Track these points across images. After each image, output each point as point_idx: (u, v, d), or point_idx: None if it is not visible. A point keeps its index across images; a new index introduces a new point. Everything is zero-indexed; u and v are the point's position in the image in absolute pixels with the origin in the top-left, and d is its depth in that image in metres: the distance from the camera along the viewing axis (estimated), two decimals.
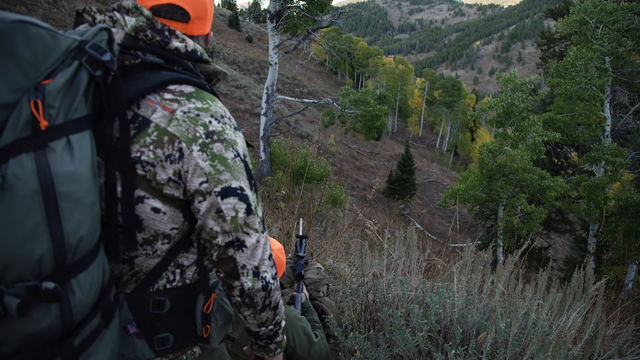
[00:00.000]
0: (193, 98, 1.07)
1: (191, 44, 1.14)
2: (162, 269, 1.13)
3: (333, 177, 21.19)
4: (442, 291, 2.28)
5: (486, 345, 1.97)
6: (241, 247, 1.10)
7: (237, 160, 1.08)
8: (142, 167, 1.02)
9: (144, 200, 1.04)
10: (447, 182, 33.11)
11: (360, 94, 14.58)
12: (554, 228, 18.55)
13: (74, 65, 0.88)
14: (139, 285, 1.11)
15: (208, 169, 1.04)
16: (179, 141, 1.03)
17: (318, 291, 2.83)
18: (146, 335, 1.12)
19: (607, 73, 14.44)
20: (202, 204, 1.06)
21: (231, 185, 1.07)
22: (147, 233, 1.08)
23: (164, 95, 1.05)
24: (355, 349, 2.24)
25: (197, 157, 1.03)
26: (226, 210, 1.07)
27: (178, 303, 1.15)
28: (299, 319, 2.23)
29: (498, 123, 15.68)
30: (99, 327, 0.98)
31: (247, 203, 1.09)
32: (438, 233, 22.37)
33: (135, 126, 1.02)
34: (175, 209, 1.08)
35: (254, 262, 1.12)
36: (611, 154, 13.99)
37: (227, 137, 1.08)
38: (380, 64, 57.11)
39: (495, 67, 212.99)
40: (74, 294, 0.89)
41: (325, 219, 8.33)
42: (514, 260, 2.49)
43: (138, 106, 1.04)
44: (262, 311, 1.20)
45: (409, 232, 2.82)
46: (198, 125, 1.05)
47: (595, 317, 2.22)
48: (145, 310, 1.12)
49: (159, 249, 1.11)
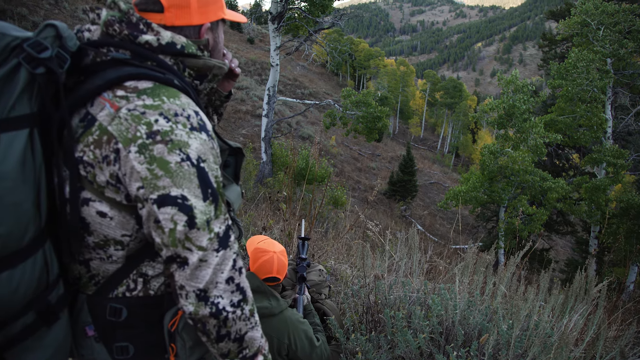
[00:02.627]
0: (145, 95, 0.99)
1: (167, 36, 1.06)
2: (123, 276, 1.08)
3: (334, 178, 21.20)
4: (444, 293, 2.28)
5: (488, 347, 1.97)
6: (182, 265, 0.99)
7: (184, 165, 0.96)
8: (84, 167, 0.98)
9: (89, 203, 1.01)
10: (449, 184, 33.09)
11: (361, 95, 14.60)
12: (555, 230, 18.54)
13: (11, 63, 0.88)
14: (99, 289, 1.09)
15: (144, 173, 0.95)
16: (115, 141, 0.96)
17: (320, 293, 2.83)
18: (105, 340, 1.09)
19: (608, 75, 14.44)
20: (142, 211, 0.99)
21: (170, 193, 0.95)
22: (97, 237, 1.03)
23: (117, 92, 0.99)
24: (356, 350, 2.24)
25: (133, 159, 0.95)
26: (164, 221, 0.97)
27: (138, 313, 1.09)
28: (301, 322, 2.22)
29: (499, 125, 15.69)
30: (34, 326, 0.96)
31: (190, 215, 0.97)
32: (439, 234, 22.35)
33: (83, 124, 0.99)
34: (126, 214, 1.02)
35: (196, 284, 1.00)
36: (612, 156, 13.98)
37: (174, 138, 0.96)
38: (381, 66, 57.13)
39: (497, 68, 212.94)
40: None
41: (326, 221, 8.33)
42: (516, 262, 2.49)
43: (92, 104, 1.00)
44: (219, 341, 1.06)
45: (410, 234, 2.82)
46: (140, 124, 0.96)
47: (597, 319, 2.22)
48: (102, 315, 1.08)
49: (113, 255, 1.06)
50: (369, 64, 58.49)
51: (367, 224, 3.76)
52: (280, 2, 13.22)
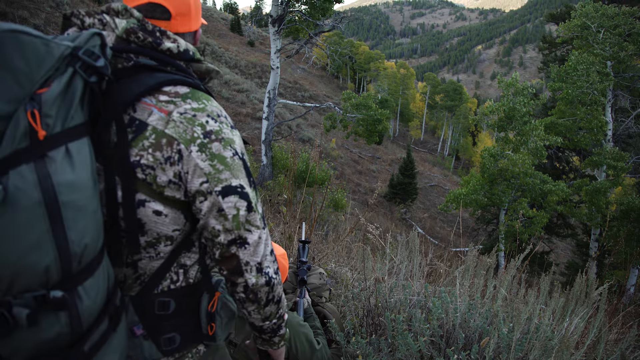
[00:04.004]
0: (189, 99, 1.07)
1: (183, 44, 1.13)
2: (166, 270, 1.13)
3: (334, 181, 21.19)
4: (444, 296, 2.28)
5: (489, 350, 1.96)
6: (244, 245, 1.10)
7: (235, 159, 1.09)
8: (142, 170, 1.02)
9: (145, 204, 1.04)
10: (449, 187, 33.08)
11: (362, 98, 14.61)
12: (556, 232, 18.52)
13: (68, 72, 0.88)
14: (144, 288, 1.12)
15: (208, 168, 1.04)
16: (177, 143, 1.03)
17: (320, 296, 2.82)
18: (153, 336, 1.13)
19: (608, 77, 14.44)
20: (204, 204, 1.06)
21: (231, 184, 1.07)
22: (150, 236, 1.08)
23: (159, 97, 1.05)
24: (357, 353, 2.24)
25: (196, 157, 1.03)
26: (227, 209, 1.07)
27: (183, 303, 1.16)
28: (301, 326, 2.22)
29: (499, 127, 15.69)
30: (107, 331, 0.98)
31: (248, 200, 1.09)
32: (440, 237, 22.33)
33: (132, 130, 1.02)
34: (177, 210, 1.09)
35: (256, 258, 1.13)
36: (613, 159, 13.97)
37: (224, 136, 1.08)
38: (381, 68, 57.18)
39: (497, 71, 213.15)
40: (82, 300, 0.90)
41: (327, 223, 8.33)
42: (516, 265, 2.48)
43: (134, 109, 1.03)
44: (266, 305, 1.21)
45: (411, 237, 2.82)
46: (195, 125, 1.05)
47: (598, 322, 2.22)
48: (150, 312, 1.12)
49: (161, 251, 1.11)
50: (369, 66, 58.55)
51: (367, 226, 3.76)
52: (280, 5, 13.25)
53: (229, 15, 55.52)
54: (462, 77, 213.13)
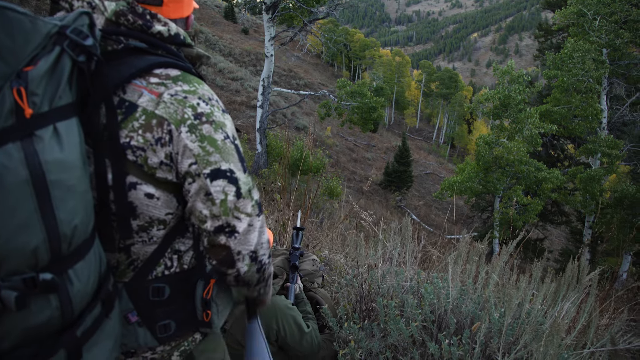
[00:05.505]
0: (179, 81, 1.05)
1: (174, 27, 1.12)
2: (160, 256, 1.12)
3: (330, 169, 21.18)
4: (436, 282, 2.28)
5: (480, 334, 1.97)
6: (233, 233, 1.07)
7: (227, 142, 1.07)
8: (133, 152, 1.00)
9: (137, 187, 1.03)
10: (444, 174, 33.16)
11: (356, 85, 14.55)
12: (550, 220, 18.65)
13: (55, 51, 0.86)
14: (137, 274, 1.10)
15: (197, 150, 1.03)
16: (167, 123, 1.01)
17: (313, 282, 2.83)
18: (147, 323, 1.12)
19: (604, 65, 14.43)
20: (192, 185, 1.05)
21: (220, 167, 1.05)
22: (142, 220, 1.06)
23: (150, 79, 1.03)
24: (349, 339, 2.25)
25: (185, 138, 1.02)
26: (215, 193, 1.04)
27: (178, 289, 1.14)
28: (289, 309, 2.23)
29: (495, 115, 15.68)
30: (100, 317, 0.97)
31: (237, 186, 1.07)
32: (435, 225, 22.43)
33: (122, 111, 1.00)
34: (169, 193, 1.07)
35: (249, 246, 1.11)
36: (607, 146, 14.02)
37: (215, 119, 1.06)
38: (377, 56, 56.93)
39: (493, 59, 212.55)
40: (72, 284, 0.88)
41: (321, 211, 8.33)
42: (509, 251, 2.49)
43: (124, 91, 1.01)
44: (257, 285, 1.23)
45: (404, 223, 2.82)
46: (186, 107, 1.03)
47: (588, 306, 2.23)
48: (145, 298, 1.11)
49: (154, 235, 1.10)
50: (365, 54, 58.28)
51: (361, 214, 3.76)
52: None
53: (223, 3, 54.90)
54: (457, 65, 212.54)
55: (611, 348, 2.07)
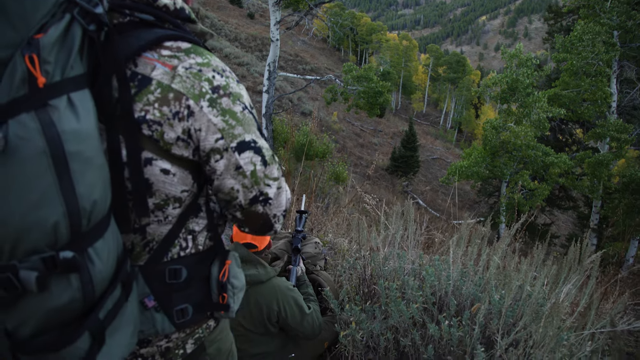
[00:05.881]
0: (192, 53, 1.02)
1: (179, 1, 1.08)
2: (174, 236, 1.09)
3: (336, 154, 21.15)
4: (437, 264, 2.30)
5: (479, 316, 1.99)
6: (267, 201, 1.09)
7: (246, 113, 1.05)
8: (148, 126, 0.96)
9: (152, 162, 0.99)
10: (451, 159, 33.00)
11: (363, 70, 14.43)
12: (557, 205, 18.56)
13: (65, 18, 0.81)
14: (153, 256, 1.08)
15: (221, 124, 1.01)
16: (186, 98, 0.98)
17: (315, 265, 2.86)
18: (165, 308, 1.09)
19: (614, 48, 14.19)
20: (220, 162, 1.03)
21: (245, 139, 1.03)
22: (158, 197, 1.03)
23: (161, 52, 1.00)
24: (350, 320, 2.27)
25: (208, 113, 0.99)
26: (245, 165, 1.04)
27: (194, 271, 1.12)
28: (290, 290, 2.26)
29: (502, 99, 15.53)
30: (120, 300, 0.94)
31: (261, 154, 1.06)
32: (441, 210, 22.40)
33: (135, 84, 0.96)
34: (184, 170, 1.04)
35: (281, 208, 1.14)
36: (616, 130, 13.86)
37: (232, 91, 1.04)
38: (384, 40, 56.35)
39: (501, 42, 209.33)
40: (93, 263, 0.84)
41: (327, 196, 8.35)
42: (511, 234, 2.49)
43: (135, 64, 0.97)
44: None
45: (406, 206, 2.82)
46: (202, 80, 1.00)
47: (589, 289, 2.24)
48: (162, 281, 1.08)
49: (170, 214, 1.07)
50: (371, 38, 57.70)
51: (364, 197, 3.76)
52: None
53: None
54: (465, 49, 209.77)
55: (611, 329, 2.08)
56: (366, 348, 2.34)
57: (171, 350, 1.15)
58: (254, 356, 2.31)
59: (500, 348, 1.98)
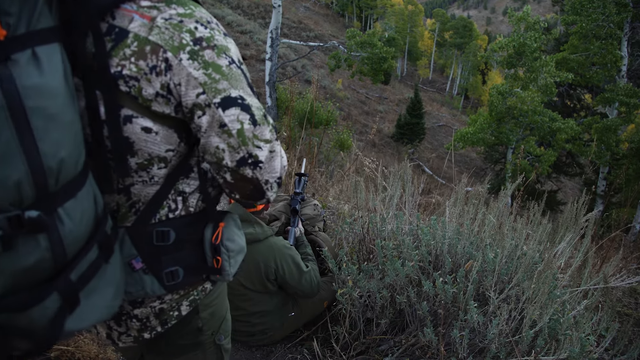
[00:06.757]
0: (173, 4, 0.96)
1: None
2: (163, 198, 1.05)
3: (341, 122, 21.03)
4: (433, 223, 2.32)
5: (473, 273, 2.02)
6: (257, 164, 1.01)
7: (232, 67, 0.97)
8: (125, 82, 0.92)
9: (132, 120, 0.95)
10: (457, 126, 32.71)
11: (366, 36, 14.19)
12: (564, 171, 18.46)
13: None
14: (140, 217, 1.04)
15: (203, 78, 0.94)
16: (163, 50, 0.92)
17: (314, 226, 2.89)
18: (153, 270, 1.06)
19: (626, 8, 13.77)
20: (202, 118, 0.96)
21: (230, 95, 0.96)
22: (141, 157, 0.99)
23: (141, 2, 0.94)
24: (347, 279, 2.32)
25: (187, 66, 0.93)
26: (230, 123, 0.96)
27: (184, 233, 1.08)
28: (287, 248, 2.29)
29: (509, 64, 15.26)
30: (98, 261, 0.91)
31: (251, 113, 0.98)
32: (447, 177, 22.37)
33: (111, 38, 0.92)
34: (168, 128, 0.99)
35: (275, 174, 1.05)
36: (626, 95, 13.63)
37: (217, 43, 0.96)
38: (388, 5, 55.05)
39: (509, 5, 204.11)
40: (63, 223, 0.82)
41: (332, 163, 8.36)
42: (507, 194, 2.50)
43: (113, 17, 0.93)
44: None
45: (401, 166, 2.83)
46: (183, 32, 0.93)
47: (584, 246, 2.25)
48: (149, 243, 1.05)
49: (155, 175, 1.03)
50: (376, 3, 56.36)
51: (364, 161, 3.77)
52: None
53: None
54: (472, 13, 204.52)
55: (604, 286, 2.11)
56: (364, 307, 2.40)
57: (165, 311, 1.13)
58: (254, 314, 2.37)
59: (493, 304, 2.01)
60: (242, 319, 2.37)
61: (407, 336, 2.27)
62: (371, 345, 2.35)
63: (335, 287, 2.42)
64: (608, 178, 14.80)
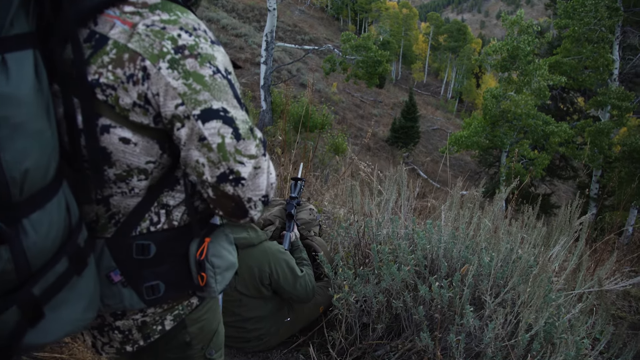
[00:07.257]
0: (158, 9, 0.92)
1: None
2: (144, 210, 1.02)
3: (336, 125, 21.06)
4: (429, 227, 2.32)
5: (469, 277, 2.02)
6: (239, 181, 0.96)
7: (217, 78, 0.93)
8: (102, 90, 0.89)
9: (110, 130, 0.91)
10: (452, 130, 32.83)
11: (361, 39, 14.25)
12: (558, 175, 18.56)
13: None
14: (119, 229, 1.01)
15: (182, 88, 0.89)
16: (141, 58, 0.88)
17: (309, 231, 2.89)
18: (132, 283, 1.03)
19: (618, 13, 13.92)
20: (182, 131, 0.92)
21: (212, 107, 0.91)
22: (119, 168, 0.95)
23: (124, 8, 0.91)
24: (343, 284, 2.31)
25: (166, 75, 0.89)
26: (210, 137, 0.92)
27: (166, 247, 1.04)
28: (281, 252, 2.29)
29: (503, 67, 15.36)
30: (67, 274, 0.87)
31: (234, 126, 0.94)
32: (442, 181, 22.43)
33: (91, 45, 0.89)
34: (150, 139, 0.95)
35: (260, 192, 1.00)
36: (618, 98, 13.74)
37: (201, 52, 0.92)
38: (383, 9, 55.27)
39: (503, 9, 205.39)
40: (27, 235, 0.78)
41: (327, 167, 8.37)
42: (502, 198, 2.51)
43: (95, 22, 0.90)
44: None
45: (398, 171, 2.84)
46: (164, 39, 0.89)
47: (578, 249, 2.27)
48: (128, 256, 1.01)
49: (136, 187, 0.99)
50: (371, 7, 56.53)
51: (359, 164, 3.77)
52: None
53: None
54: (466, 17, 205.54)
55: (598, 289, 2.12)
56: (360, 312, 2.39)
57: (148, 325, 1.10)
58: (249, 320, 2.36)
59: (489, 308, 2.02)
60: (237, 325, 2.36)
61: (404, 341, 2.27)
62: (367, 350, 2.35)
63: (331, 292, 2.42)
64: (601, 181, 14.90)
